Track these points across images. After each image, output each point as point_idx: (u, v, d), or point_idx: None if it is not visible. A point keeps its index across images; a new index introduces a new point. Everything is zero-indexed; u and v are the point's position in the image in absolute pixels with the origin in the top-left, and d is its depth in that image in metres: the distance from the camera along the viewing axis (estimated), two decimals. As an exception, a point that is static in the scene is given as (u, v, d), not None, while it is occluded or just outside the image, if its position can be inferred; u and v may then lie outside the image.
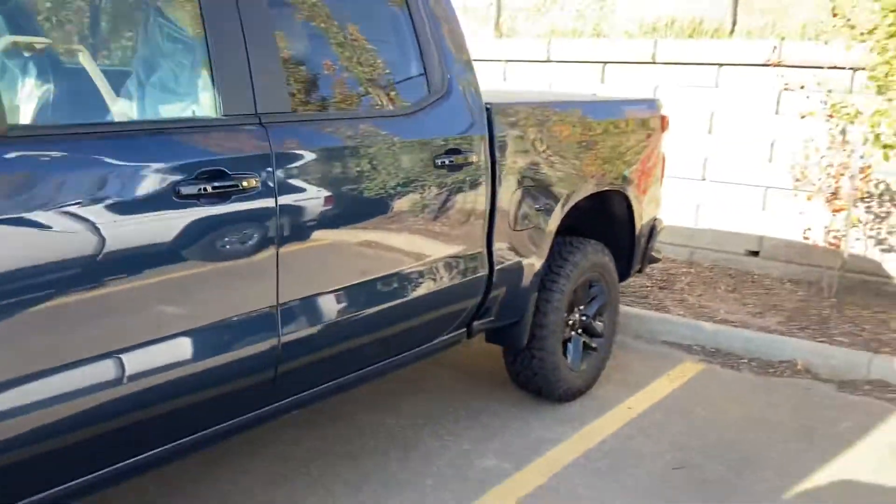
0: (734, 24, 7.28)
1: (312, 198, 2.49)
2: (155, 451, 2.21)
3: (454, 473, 3.30)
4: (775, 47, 6.30)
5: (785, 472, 3.43)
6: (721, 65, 6.78)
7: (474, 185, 3.15)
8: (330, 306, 2.61)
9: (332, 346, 2.66)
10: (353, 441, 3.54)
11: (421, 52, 3.04)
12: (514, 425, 3.79)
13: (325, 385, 2.75)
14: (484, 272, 3.30)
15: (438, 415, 3.85)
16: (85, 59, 2.18)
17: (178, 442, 2.28)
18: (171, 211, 2.09)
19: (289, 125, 2.45)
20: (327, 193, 2.54)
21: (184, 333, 2.18)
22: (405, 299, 2.92)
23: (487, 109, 3.25)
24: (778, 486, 3.31)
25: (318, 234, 2.52)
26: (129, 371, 2.04)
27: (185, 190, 2.11)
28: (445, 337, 3.33)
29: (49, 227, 1.83)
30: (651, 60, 7.06)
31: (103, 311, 1.98)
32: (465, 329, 3.43)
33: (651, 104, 4.60)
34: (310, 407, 2.86)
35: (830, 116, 5.72)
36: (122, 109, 2.24)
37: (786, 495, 3.25)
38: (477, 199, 3.18)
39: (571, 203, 3.72)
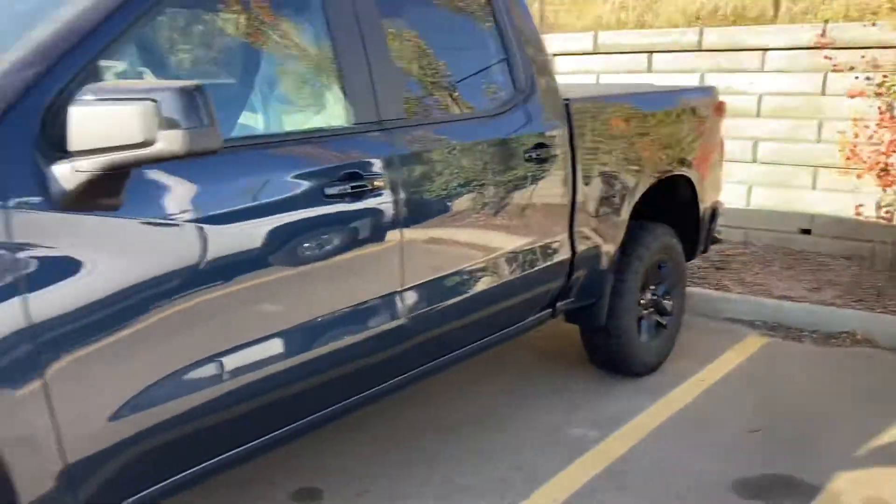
0: (776, 9, 7.46)
1: (426, 193, 2.80)
2: (309, 418, 2.54)
3: (548, 441, 3.59)
4: (824, 30, 6.47)
5: (856, 431, 3.67)
6: (766, 49, 6.96)
7: (558, 175, 3.43)
8: (444, 289, 2.92)
9: (445, 324, 2.97)
10: (451, 415, 3.85)
11: (507, 56, 3.33)
12: (595, 399, 4.07)
13: (439, 360, 3.06)
14: (567, 256, 3.59)
15: (524, 391, 4.14)
16: (253, 82, 2.52)
17: (323, 412, 2.60)
18: (320, 208, 2.40)
19: (405, 130, 2.75)
20: (437, 189, 2.85)
21: (330, 314, 2.50)
22: (503, 282, 3.21)
23: (566, 105, 3.53)
24: (851, 443, 3.56)
25: (432, 225, 2.83)
26: (292, 349, 2.37)
27: (329, 190, 2.43)
28: (534, 317, 3.62)
29: (246, 220, 2.19)
30: (697, 48, 7.26)
31: (279, 291, 2.31)
32: (550, 309, 3.72)
33: (708, 91, 4.84)
34: (423, 381, 3.17)
35: (879, 94, 5.90)
36: (285, 123, 2.56)
37: (859, 452, 3.49)
38: (561, 189, 3.46)
39: (643, 189, 3.98)
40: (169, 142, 1.76)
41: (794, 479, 3.26)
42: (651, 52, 7.55)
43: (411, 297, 2.77)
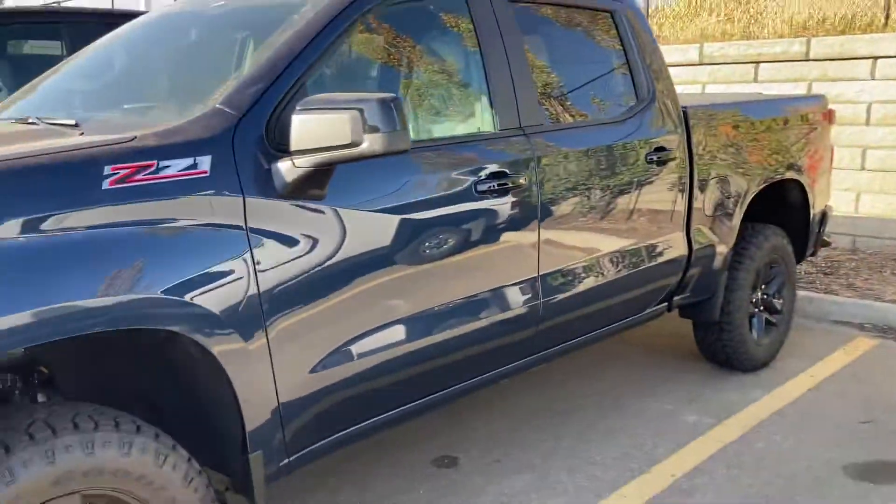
0: (887, 17, 7.48)
1: (560, 191, 3.13)
2: (461, 384, 2.92)
3: (664, 426, 3.86)
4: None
5: (968, 425, 3.79)
6: (876, 58, 7.00)
7: (676, 177, 3.72)
8: (573, 278, 3.25)
9: (574, 310, 3.30)
10: (569, 400, 4.16)
11: (630, 67, 3.65)
12: (706, 390, 4.30)
13: (566, 343, 3.39)
14: (683, 253, 3.86)
15: (637, 382, 4.41)
16: (420, 94, 2.94)
17: (472, 380, 2.97)
18: (473, 202, 2.78)
19: (543, 134, 3.10)
20: (571, 187, 3.18)
21: (479, 294, 2.86)
22: (625, 274, 3.52)
23: (684, 112, 3.81)
24: (963, 436, 3.69)
25: (564, 220, 3.16)
26: (452, 322, 2.75)
27: (480, 187, 2.80)
28: (651, 309, 3.90)
29: (417, 210, 2.58)
30: (804, 57, 7.37)
31: (438, 270, 2.69)
32: (666, 303, 3.99)
33: (818, 99, 5.01)
34: (550, 361, 3.50)
35: None
36: (446, 129, 2.95)
37: (971, 444, 3.63)
38: (679, 190, 3.74)
39: (755, 191, 4.21)
40: (372, 143, 2.16)
41: (905, 466, 3.44)
42: (757, 62, 7.68)
43: (546, 284, 3.11)
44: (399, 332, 2.60)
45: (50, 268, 1.83)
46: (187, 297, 2.04)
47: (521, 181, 2.94)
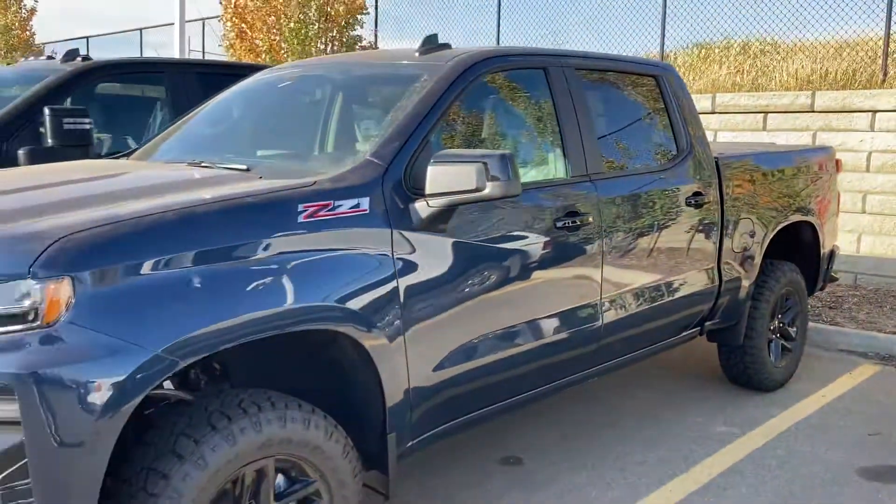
0: (885, 74, 8.18)
1: (619, 227, 3.73)
2: (546, 386, 3.50)
3: (698, 434, 4.41)
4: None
5: (963, 438, 4.36)
6: (875, 111, 7.67)
7: (710, 218, 4.32)
8: (629, 302, 3.83)
9: (631, 328, 3.87)
10: (610, 414, 4.71)
11: (671, 123, 4.27)
12: (730, 407, 4.85)
13: (620, 359, 3.95)
14: (715, 284, 4.44)
15: (668, 399, 4.97)
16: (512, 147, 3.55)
17: (552, 384, 3.55)
18: (557, 234, 3.37)
19: (604, 181, 3.70)
20: (625, 224, 3.78)
21: (557, 312, 3.44)
22: (669, 300, 4.10)
23: (716, 161, 4.43)
24: (958, 447, 4.25)
25: (621, 252, 3.75)
26: (535, 334, 3.32)
27: (559, 223, 3.39)
28: (687, 332, 4.47)
29: (515, 240, 3.17)
30: (810, 109, 8.04)
31: (529, 289, 3.27)
32: (699, 328, 4.57)
33: (828, 150, 5.65)
34: (606, 374, 4.07)
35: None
36: (533, 175, 3.54)
37: (965, 453, 4.19)
38: (712, 228, 4.34)
39: (775, 231, 4.82)
40: (492, 189, 2.75)
41: (908, 469, 4.00)
42: (766, 112, 8.36)
43: (607, 305, 3.69)
44: (499, 341, 3.17)
45: (254, 282, 2.40)
46: (351, 305, 2.61)
47: (589, 219, 3.53)
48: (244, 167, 3.03)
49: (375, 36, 13.27)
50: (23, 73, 5.15)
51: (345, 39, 11.78)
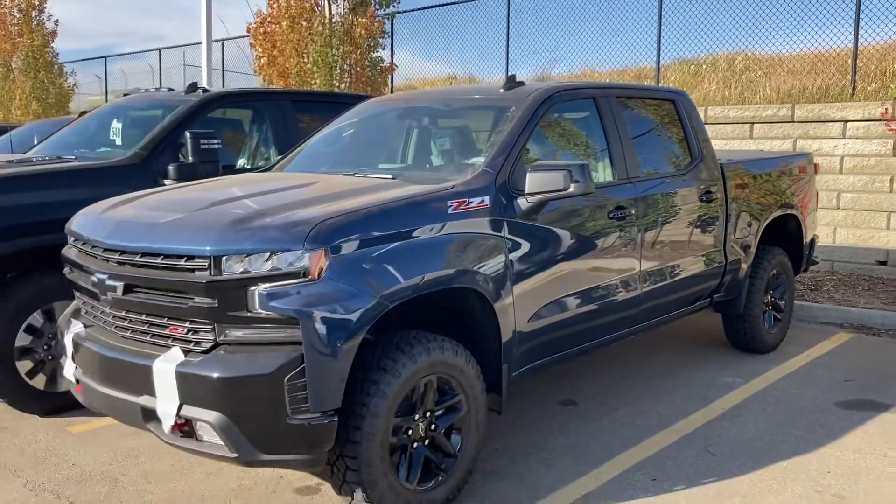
0: (854, 89, 9.44)
1: (651, 217, 4.88)
2: (605, 337, 4.64)
3: (709, 383, 5.57)
4: (887, 107, 8.42)
5: (917, 381, 5.57)
6: (846, 121, 8.92)
7: (718, 211, 5.49)
8: (661, 274, 4.98)
9: (661, 296, 5.03)
10: (637, 371, 5.85)
11: (685, 136, 5.45)
12: (733, 364, 6.02)
13: (653, 320, 5.11)
14: (722, 263, 5.61)
15: (682, 360, 6.13)
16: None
17: (609, 336, 4.69)
18: (609, 223, 4.52)
19: (640, 182, 4.86)
20: (656, 215, 4.93)
21: (612, 280, 4.58)
22: (689, 275, 5.26)
23: (721, 166, 5.61)
24: (913, 387, 5.46)
25: (653, 236, 4.90)
26: (599, 296, 4.47)
27: (611, 214, 4.54)
28: (700, 302, 5.64)
29: (582, 226, 4.29)
30: (790, 119, 9.27)
31: (591, 264, 4.40)
32: (709, 299, 5.73)
33: (807, 155, 6.85)
34: (641, 333, 5.22)
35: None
36: (600, 177, 4.68)
37: (919, 391, 5.39)
38: (719, 219, 5.51)
39: (767, 221, 6.00)
40: (575, 188, 3.89)
41: (874, 401, 5.18)
42: (752, 123, 9.58)
43: (644, 277, 4.85)
44: (573, 300, 4.32)
45: (428, 254, 3.53)
46: (482, 271, 3.74)
47: (631, 211, 4.69)
48: (390, 176, 4.16)
49: (392, 54, 14.41)
50: (155, 102, 6.23)
51: (366, 62, 12.88)
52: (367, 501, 3.40)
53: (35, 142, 8.60)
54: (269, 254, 3.16)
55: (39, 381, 4.89)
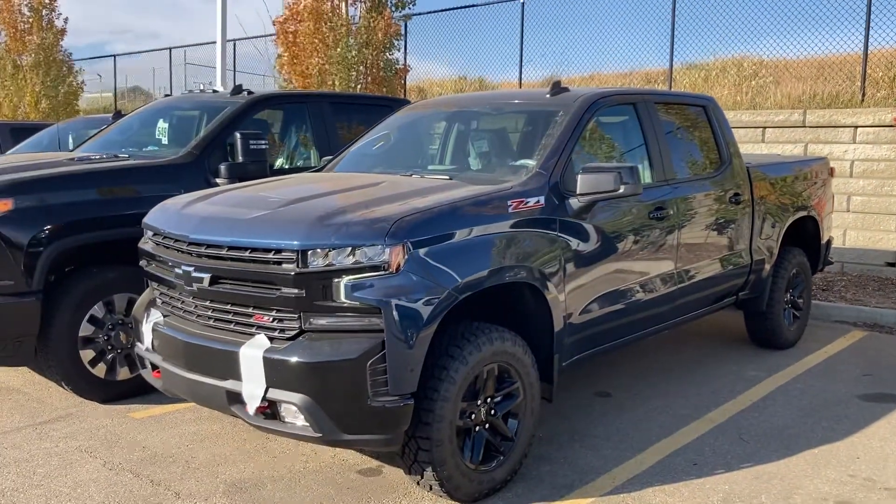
0: (863, 95, 9.72)
1: (686, 217, 5.13)
2: (646, 330, 4.89)
3: (735, 377, 5.83)
4: (899, 114, 8.70)
5: (933, 376, 5.85)
6: (857, 126, 9.19)
7: (745, 212, 5.75)
8: (695, 272, 5.24)
9: (694, 293, 5.28)
10: (666, 365, 6.11)
11: (715, 140, 5.71)
12: (756, 359, 6.28)
13: (687, 315, 5.37)
14: (748, 262, 5.88)
15: (708, 355, 6.39)
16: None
17: (649, 329, 4.94)
18: (650, 223, 4.77)
19: (676, 184, 5.11)
20: (691, 215, 5.19)
21: (653, 277, 4.83)
22: (718, 273, 5.52)
23: (748, 169, 5.87)
24: (930, 381, 5.73)
25: (689, 235, 5.15)
26: (641, 292, 4.72)
27: (651, 214, 4.80)
28: (727, 300, 5.90)
29: (627, 225, 4.54)
30: (801, 124, 9.54)
31: (634, 261, 4.65)
32: (735, 297, 6.00)
33: (823, 159, 7.13)
34: (675, 328, 5.47)
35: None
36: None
37: (935, 385, 5.67)
38: (746, 220, 5.77)
39: (789, 223, 6.27)
40: (624, 189, 4.14)
41: (893, 395, 5.45)
42: (764, 127, 9.85)
43: (680, 274, 5.10)
44: (618, 295, 4.57)
45: (491, 250, 3.78)
46: (537, 267, 3.99)
47: (670, 211, 4.95)
48: (447, 177, 4.40)
49: (405, 56, 14.65)
50: (201, 103, 6.45)
51: (381, 63, 13.11)
52: (436, 479, 3.65)
53: (71, 141, 8.84)
54: (351, 248, 3.40)
55: (100, 370, 5.11)
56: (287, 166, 6.47)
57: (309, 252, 3.40)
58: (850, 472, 4.20)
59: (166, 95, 7.30)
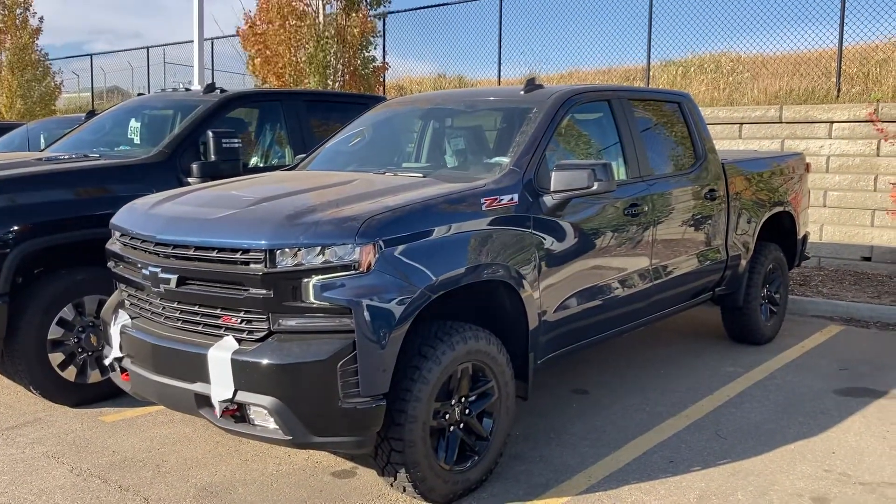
0: (839, 91, 9.77)
1: (661, 214, 5.11)
2: (620, 328, 4.86)
3: (712, 373, 5.83)
4: (875, 109, 8.76)
5: (908, 369, 5.87)
6: (832, 122, 9.24)
7: (720, 208, 5.75)
8: (670, 268, 5.22)
9: (670, 289, 5.27)
10: (643, 361, 6.10)
11: (690, 137, 5.70)
12: (732, 355, 6.28)
13: (661, 312, 5.35)
14: (724, 258, 5.87)
15: (684, 352, 6.39)
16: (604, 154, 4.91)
17: (623, 326, 4.91)
18: (625, 220, 4.74)
19: (651, 181, 5.09)
20: (666, 211, 5.17)
21: (627, 274, 4.80)
22: (695, 269, 5.51)
23: (723, 165, 5.87)
24: (905, 375, 5.76)
25: (664, 231, 5.13)
26: (615, 289, 4.69)
27: (626, 211, 4.77)
28: (703, 296, 5.89)
29: (600, 221, 4.51)
30: (778, 120, 9.58)
31: (609, 257, 4.62)
32: (711, 292, 5.99)
33: (798, 155, 7.14)
34: (651, 325, 5.46)
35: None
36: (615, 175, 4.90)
37: (910, 378, 5.69)
38: (722, 216, 5.77)
39: (765, 218, 6.27)
40: (598, 186, 4.11)
41: (870, 388, 5.47)
42: (741, 123, 9.88)
43: (656, 271, 5.09)
44: (593, 292, 4.54)
45: (465, 248, 3.73)
46: (512, 264, 3.95)
47: (644, 208, 4.92)
48: (421, 175, 4.35)
49: (384, 54, 14.59)
50: (174, 102, 6.36)
51: (359, 61, 13.04)
52: (409, 481, 3.60)
53: (42, 141, 8.71)
54: (321, 247, 3.34)
55: (70, 374, 5.02)
56: (261, 165, 6.39)
57: (277, 252, 3.35)
58: (825, 468, 4.20)
59: (139, 94, 7.19)
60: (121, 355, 3.94)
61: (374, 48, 13.42)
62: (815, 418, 4.91)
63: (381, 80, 14.29)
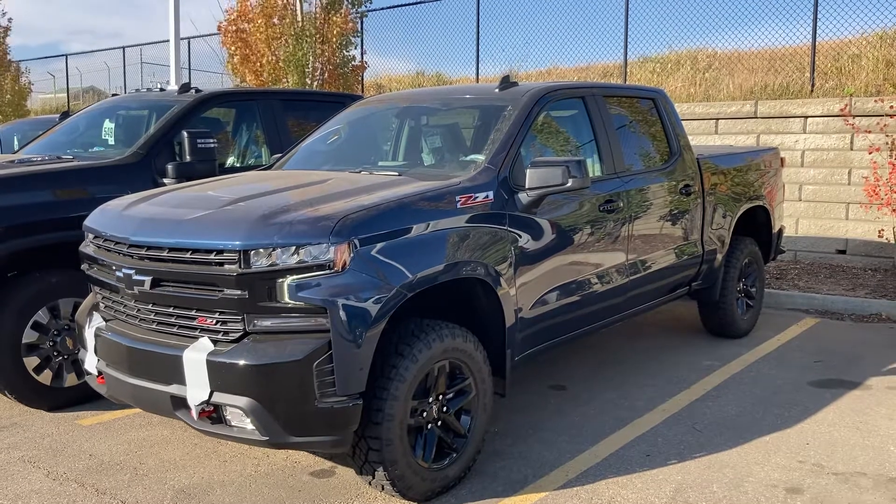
0: (812, 86, 9.87)
1: (637, 209, 5.15)
2: (597, 324, 4.89)
3: (689, 367, 5.87)
4: (847, 104, 8.86)
5: (877, 361, 5.94)
6: (807, 116, 9.33)
7: (696, 203, 5.80)
8: (646, 263, 5.26)
9: (646, 284, 5.30)
10: (620, 357, 6.14)
11: (665, 133, 5.74)
12: (710, 349, 6.34)
13: (638, 307, 5.38)
14: (700, 252, 5.92)
15: (662, 346, 6.43)
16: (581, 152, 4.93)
17: (599, 322, 4.94)
18: (600, 216, 4.77)
19: (626, 177, 5.12)
20: (641, 207, 5.21)
21: (603, 270, 4.83)
22: (671, 263, 5.55)
23: (698, 160, 5.91)
24: (874, 367, 5.82)
25: (639, 227, 5.16)
26: (592, 286, 4.72)
27: (601, 207, 4.80)
28: (680, 290, 5.94)
29: (575, 218, 4.53)
30: (753, 115, 9.66)
31: (584, 254, 4.64)
32: (687, 287, 6.04)
33: (773, 150, 7.21)
34: (627, 320, 5.50)
35: (892, 150, 8.23)
36: (590, 171, 4.93)
37: (882, 369, 5.75)
38: (697, 211, 5.82)
39: (740, 213, 6.33)
40: (572, 183, 4.13)
41: (843, 380, 5.53)
42: (717, 119, 9.96)
43: (632, 266, 5.12)
44: (570, 288, 4.56)
45: (441, 246, 3.74)
46: (488, 262, 3.96)
47: (620, 204, 4.96)
48: (396, 174, 4.35)
49: (362, 52, 14.55)
50: (148, 102, 6.32)
51: (338, 60, 13.01)
52: (387, 479, 3.61)
53: (16, 142, 8.62)
54: (295, 247, 3.34)
55: (46, 377, 4.98)
56: (238, 165, 6.36)
57: (251, 252, 3.34)
58: (799, 459, 4.25)
59: (114, 95, 7.13)
60: (96, 357, 3.91)
61: (354, 47, 13.39)
62: (790, 410, 4.97)
63: (360, 78, 14.26)
